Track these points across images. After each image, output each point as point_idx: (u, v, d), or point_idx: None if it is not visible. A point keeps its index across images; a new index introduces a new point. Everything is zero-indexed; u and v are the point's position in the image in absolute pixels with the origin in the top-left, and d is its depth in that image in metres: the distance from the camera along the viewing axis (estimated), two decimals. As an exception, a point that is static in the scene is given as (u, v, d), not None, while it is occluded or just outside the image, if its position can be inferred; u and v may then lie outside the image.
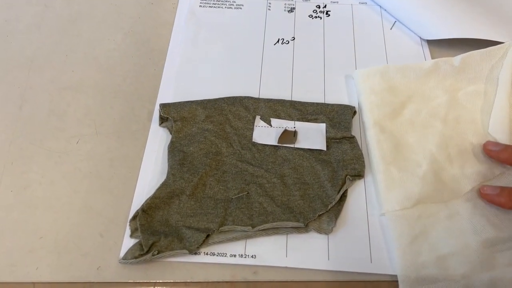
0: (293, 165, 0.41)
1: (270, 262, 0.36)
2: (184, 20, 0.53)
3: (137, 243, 0.37)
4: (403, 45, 0.51)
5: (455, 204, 0.38)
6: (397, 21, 0.53)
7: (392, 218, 0.37)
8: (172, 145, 0.42)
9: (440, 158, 0.40)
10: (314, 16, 0.54)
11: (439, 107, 0.43)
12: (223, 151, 0.42)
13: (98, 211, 0.39)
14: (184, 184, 0.39)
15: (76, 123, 0.45)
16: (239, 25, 0.53)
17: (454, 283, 0.35)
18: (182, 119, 0.43)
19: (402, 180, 0.39)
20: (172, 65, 0.49)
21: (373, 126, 0.42)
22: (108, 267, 0.36)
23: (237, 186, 0.40)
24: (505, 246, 0.36)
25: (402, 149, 0.41)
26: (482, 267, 0.35)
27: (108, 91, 0.47)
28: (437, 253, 0.36)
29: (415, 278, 0.35)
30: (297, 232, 0.38)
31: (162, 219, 0.38)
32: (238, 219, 0.38)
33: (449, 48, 0.50)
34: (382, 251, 0.37)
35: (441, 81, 0.45)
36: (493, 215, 0.38)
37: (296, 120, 0.44)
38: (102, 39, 0.52)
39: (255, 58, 0.50)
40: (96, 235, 0.38)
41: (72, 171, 0.42)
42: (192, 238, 0.36)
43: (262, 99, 0.45)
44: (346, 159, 0.41)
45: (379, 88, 0.44)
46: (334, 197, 0.39)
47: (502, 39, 0.47)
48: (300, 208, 0.39)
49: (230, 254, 0.37)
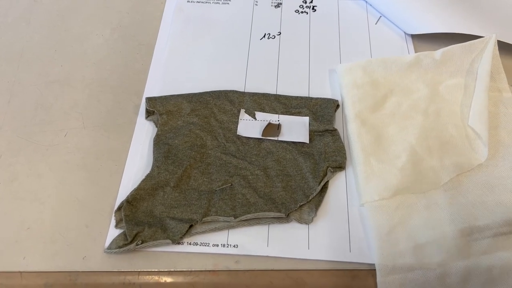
0: (276, 157, 0.42)
1: (251, 252, 0.37)
2: (172, 15, 0.54)
3: (121, 233, 0.38)
4: (388, 40, 0.52)
5: (434, 195, 0.39)
6: (382, 16, 0.54)
7: (371, 209, 0.38)
8: (158, 138, 0.43)
9: (419, 150, 0.41)
10: (300, 11, 0.55)
11: (420, 100, 0.44)
12: (207, 144, 0.43)
13: (84, 202, 0.40)
14: (169, 176, 0.40)
15: (63, 116, 0.46)
16: (226, 20, 0.54)
17: (430, 271, 0.36)
18: (168, 113, 0.44)
19: (381, 171, 0.40)
20: (159, 60, 0.50)
21: (355, 119, 0.43)
22: (93, 256, 0.37)
23: (221, 178, 0.41)
24: (480, 235, 0.37)
25: (382, 141, 0.42)
26: (458, 256, 0.36)
27: (96, 85, 0.48)
28: (414, 242, 0.37)
29: (392, 267, 0.36)
30: (278, 222, 0.39)
31: (147, 210, 0.39)
32: (221, 210, 0.39)
33: (432, 43, 0.51)
34: (361, 240, 0.38)
35: (422, 74, 0.46)
36: (470, 205, 0.39)
37: (280, 113, 0.45)
38: (90, 34, 0.53)
39: (241, 52, 0.51)
40: (82, 226, 0.39)
41: (59, 163, 0.42)
42: (175, 229, 0.37)
43: (247, 93, 0.46)
44: (328, 152, 0.42)
45: (361, 81, 0.45)
46: (315, 188, 0.40)
47: (484, 34, 0.48)
48: (282, 199, 0.39)
49: (213, 244, 0.38)
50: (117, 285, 0.36)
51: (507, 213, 0.38)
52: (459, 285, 0.35)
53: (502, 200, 0.39)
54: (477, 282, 0.35)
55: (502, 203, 0.38)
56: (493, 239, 0.37)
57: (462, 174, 0.40)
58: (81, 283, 0.36)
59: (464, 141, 0.42)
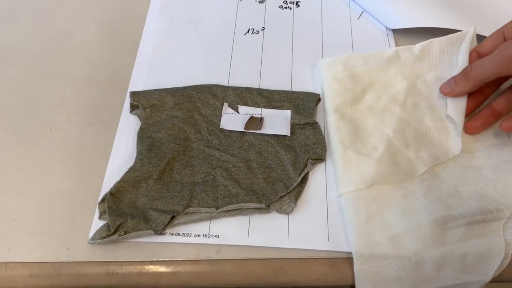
0: (258, 150, 0.43)
1: (232, 241, 0.38)
2: (158, 11, 0.55)
3: (104, 224, 0.38)
4: (369, 35, 0.53)
5: (410, 185, 0.40)
6: (365, 11, 0.55)
7: (349, 199, 0.39)
8: (141, 132, 0.43)
9: (396, 142, 0.42)
10: (284, 6, 0.56)
11: (399, 94, 0.45)
12: (191, 137, 0.43)
13: (69, 195, 0.41)
14: (152, 169, 0.41)
15: (49, 111, 0.46)
16: (211, 16, 0.54)
17: (406, 259, 0.37)
18: (152, 107, 0.45)
19: (358, 163, 0.41)
20: (144, 55, 0.50)
21: (334, 112, 0.44)
22: (78, 247, 0.38)
23: (204, 170, 0.42)
24: (455, 224, 0.38)
25: (360, 134, 0.43)
26: (433, 244, 0.37)
27: (81, 80, 0.49)
28: (390, 231, 0.38)
29: (369, 255, 0.37)
30: (259, 213, 0.40)
31: (130, 201, 0.39)
32: (203, 201, 0.40)
33: (413, 37, 0.52)
34: (339, 230, 0.39)
35: (401, 68, 0.47)
36: (446, 195, 0.40)
37: (262, 107, 0.46)
38: (76, 30, 0.53)
39: (225, 48, 0.51)
40: (67, 217, 0.40)
41: (44, 157, 0.43)
42: (158, 220, 0.38)
43: (231, 87, 0.47)
44: (308, 144, 0.43)
45: (341, 76, 0.46)
46: (296, 180, 0.41)
47: (464, 28, 0.49)
48: (263, 190, 0.40)
49: (195, 234, 0.38)
50: (100, 275, 0.37)
51: (481, 202, 0.39)
52: (433, 272, 0.36)
53: (476, 190, 0.40)
54: (451, 269, 0.36)
55: (476, 193, 0.39)
56: (467, 227, 0.38)
57: (438, 165, 0.41)
58: (65, 273, 0.37)
59: (440, 133, 0.43)
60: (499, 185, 0.39)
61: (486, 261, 0.36)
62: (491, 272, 0.36)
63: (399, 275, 0.36)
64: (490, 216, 0.38)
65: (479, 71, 0.40)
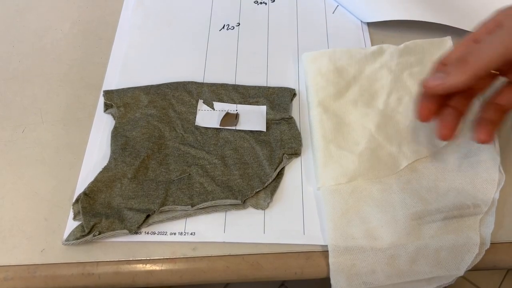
0: (234, 146, 0.43)
1: (209, 238, 0.38)
2: (132, 8, 0.54)
3: (79, 225, 0.38)
4: (344, 29, 0.53)
5: (388, 180, 0.40)
6: (339, 6, 0.55)
7: (326, 192, 0.39)
8: (115, 131, 0.43)
9: (378, 137, 0.42)
10: (259, 2, 0.55)
11: (383, 88, 0.45)
12: (166, 135, 0.43)
13: (42, 196, 0.40)
14: (126, 168, 0.41)
15: (22, 112, 0.46)
16: (185, 12, 0.54)
17: (381, 252, 0.37)
18: (125, 105, 0.44)
19: (339, 157, 0.41)
20: (118, 53, 0.50)
21: (317, 106, 0.44)
22: (52, 249, 0.38)
23: (179, 168, 0.42)
24: (431, 218, 0.38)
25: (343, 128, 0.43)
26: (408, 238, 0.37)
27: (55, 80, 0.48)
28: (366, 225, 0.38)
29: (344, 248, 0.37)
30: (235, 209, 0.40)
31: (104, 201, 0.39)
32: (178, 199, 0.40)
33: (387, 31, 0.52)
34: (315, 224, 0.39)
35: (388, 61, 0.47)
36: (424, 190, 0.40)
37: (238, 103, 0.46)
38: (49, 29, 0.52)
39: (200, 44, 0.51)
40: (41, 219, 0.39)
41: (17, 158, 0.42)
42: (132, 219, 0.38)
43: (206, 84, 0.47)
44: (284, 139, 0.43)
45: (325, 69, 0.46)
46: (271, 175, 0.41)
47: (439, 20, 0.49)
48: (239, 187, 0.40)
49: (170, 232, 0.38)
50: (76, 276, 0.37)
51: (458, 197, 0.39)
52: (407, 266, 0.36)
53: (454, 185, 0.40)
54: (425, 263, 0.37)
55: (454, 188, 0.40)
56: (443, 222, 0.38)
57: (418, 160, 0.41)
58: (40, 275, 0.37)
59: (422, 128, 0.43)
60: (477, 181, 0.40)
61: (460, 256, 0.37)
62: (463, 267, 0.36)
63: (374, 268, 0.36)
64: (467, 211, 0.38)
65: (484, 54, 0.31)
